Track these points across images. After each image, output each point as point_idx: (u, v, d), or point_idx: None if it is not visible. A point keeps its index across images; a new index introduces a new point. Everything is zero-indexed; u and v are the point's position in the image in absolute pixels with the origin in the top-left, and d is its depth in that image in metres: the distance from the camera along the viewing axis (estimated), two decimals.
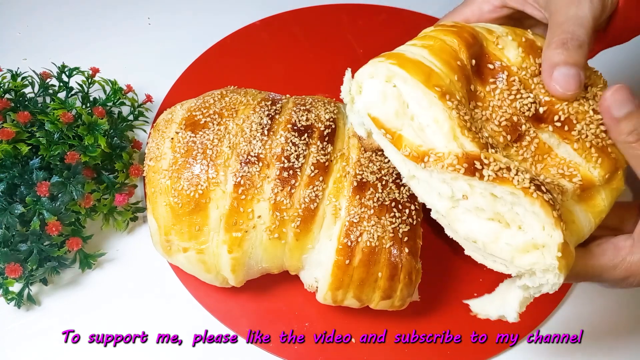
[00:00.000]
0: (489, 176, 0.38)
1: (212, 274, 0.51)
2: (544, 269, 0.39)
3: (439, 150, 0.40)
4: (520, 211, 0.39)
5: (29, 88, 0.61)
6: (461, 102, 0.41)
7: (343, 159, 0.50)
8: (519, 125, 0.42)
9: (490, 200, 0.39)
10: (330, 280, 0.48)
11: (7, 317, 0.55)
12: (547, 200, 0.38)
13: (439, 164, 0.40)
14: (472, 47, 0.43)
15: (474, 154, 0.39)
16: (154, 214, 0.50)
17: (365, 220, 0.48)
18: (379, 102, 0.43)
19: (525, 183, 0.38)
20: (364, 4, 0.81)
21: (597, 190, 0.43)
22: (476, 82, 0.43)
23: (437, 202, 0.42)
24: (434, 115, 0.40)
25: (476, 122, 0.41)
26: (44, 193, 0.52)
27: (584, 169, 0.42)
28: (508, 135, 0.42)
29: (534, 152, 0.42)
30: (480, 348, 0.55)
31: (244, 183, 0.48)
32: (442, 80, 0.41)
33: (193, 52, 0.73)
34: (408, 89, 0.41)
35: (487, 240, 0.40)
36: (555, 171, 0.42)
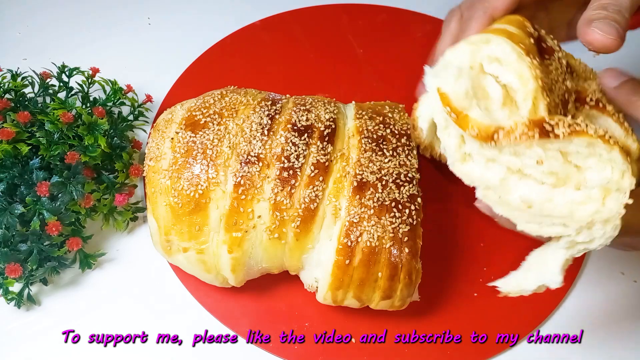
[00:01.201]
0: (564, 133, 0.39)
1: (212, 274, 0.51)
2: (606, 218, 0.39)
3: (505, 125, 0.41)
4: (591, 162, 0.39)
5: (29, 88, 0.61)
6: (538, 61, 0.42)
7: (343, 159, 0.50)
8: (568, 103, 0.43)
9: (562, 163, 0.40)
10: (330, 280, 0.48)
11: (7, 317, 0.55)
12: (621, 147, 0.39)
13: (511, 136, 0.40)
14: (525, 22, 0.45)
15: (539, 118, 0.40)
16: (154, 214, 0.50)
17: (365, 220, 0.48)
18: (453, 78, 0.43)
19: (600, 132, 0.39)
20: (364, 4, 0.81)
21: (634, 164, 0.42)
22: (537, 56, 0.43)
23: (491, 177, 0.43)
24: (520, 71, 0.41)
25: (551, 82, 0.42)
26: (44, 193, 0.52)
27: (623, 141, 0.43)
28: (562, 109, 0.42)
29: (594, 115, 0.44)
30: (480, 348, 0.55)
31: (244, 183, 0.48)
32: (523, 40, 0.42)
33: (193, 52, 0.73)
34: (493, 48, 0.42)
35: (544, 200, 0.41)
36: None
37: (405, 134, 0.52)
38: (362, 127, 0.52)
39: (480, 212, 0.52)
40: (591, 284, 0.60)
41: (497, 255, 0.60)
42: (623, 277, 0.60)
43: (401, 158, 0.51)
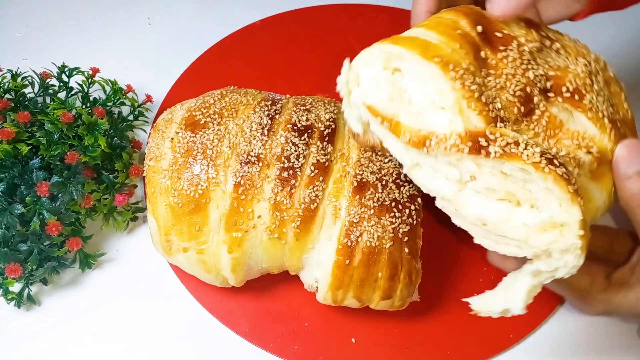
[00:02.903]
0: (495, 152, 0.36)
1: (212, 274, 0.51)
2: (563, 249, 0.36)
3: (439, 132, 0.38)
4: (534, 188, 0.37)
5: (29, 88, 0.61)
6: (468, 69, 0.38)
7: (343, 159, 0.50)
8: (532, 97, 0.39)
9: (501, 179, 0.37)
10: (330, 280, 0.48)
11: (7, 317, 0.55)
12: (561, 175, 0.35)
13: (441, 145, 0.37)
14: (471, 16, 0.41)
15: (478, 130, 0.37)
16: (154, 214, 0.50)
17: (365, 220, 0.48)
18: (373, 89, 0.41)
19: (535, 157, 0.35)
20: (364, 4, 0.81)
21: (610, 167, 0.40)
22: (486, 49, 0.40)
23: (442, 188, 0.40)
24: (438, 88, 0.38)
25: (489, 90, 0.39)
26: (44, 193, 0.52)
27: (599, 140, 0.39)
28: (522, 106, 0.39)
29: (545, 126, 0.39)
30: (480, 348, 0.55)
31: (244, 183, 0.48)
32: (441, 50, 0.39)
33: (193, 52, 0.73)
34: (407, 65, 0.39)
35: (499, 220, 0.38)
36: (571, 143, 0.39)
37: None
38: None
39: None
40: None
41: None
42: None
43: None
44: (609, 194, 0.40)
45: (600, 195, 0.40)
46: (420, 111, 0.39)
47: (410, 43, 0.39)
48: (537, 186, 0.36)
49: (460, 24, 0.41)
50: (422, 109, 0.39)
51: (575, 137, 0.39)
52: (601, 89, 0.41)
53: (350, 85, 0.43)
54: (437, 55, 0.38)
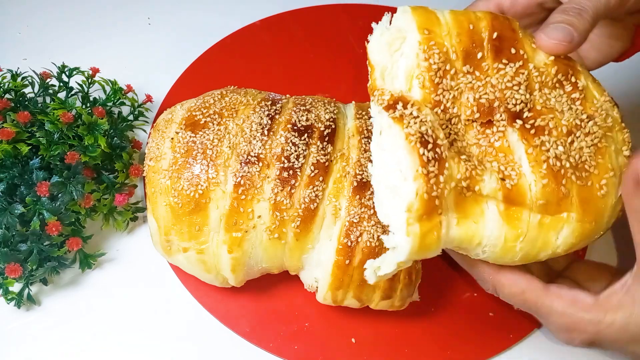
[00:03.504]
0: (393, 114, 0.39)
1: (212, 274, 0.51)
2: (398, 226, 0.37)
3: (387, 88, 0.41)
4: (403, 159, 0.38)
5: (29, 88, 0.61)
6: (446, 54, 0.41)
7: (343, 159, 0.50)
8: (494, 112, 0.40)
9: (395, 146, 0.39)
10: (330, 280, 0.48)
11: (7, 317, 0.55)
12: (421, 154, 0.37)
13: (376, 96, 0.41)
14: (497, 22, 0.42)
15: (403, 96, 0.40)
16: (154, 214, 0.50)
17: (365, 221, 0.48)
18: (378, 35, 0.44)
19: (411, 129, 0.38)
20: (364, 4, 0.81)
21: (526, 212, 0.39)
22: (489, 54, 0.41)
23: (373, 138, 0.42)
24: (407, 53, 0.41)
25: (455, 80, 0.41)
26: (44, 193, 0.52)
27: (523, 180, 0.39)
28: (477, 113, 0.40)
29: (491, 144, 0.40)
30: (480, 348, 0.55)
31: (244, 183, 0.48)
32: (437, 28, 0.41)
33: (193, 52, 0.73)
34: (409, 30, 0.42)
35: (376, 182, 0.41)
36: (496, 166, 0.39)
37: None
38: (362, 127, 0.52)
39: None
40: None
41: None
42: None
43: None
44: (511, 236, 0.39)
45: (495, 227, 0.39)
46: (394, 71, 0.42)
47: (422, 13, 0.42)
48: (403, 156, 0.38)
49: (480, 24, 0.42)
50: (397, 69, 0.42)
51: (506, 164, 0.39)
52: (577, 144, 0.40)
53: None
54: (429, 29, 0.41)
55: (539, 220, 0.39)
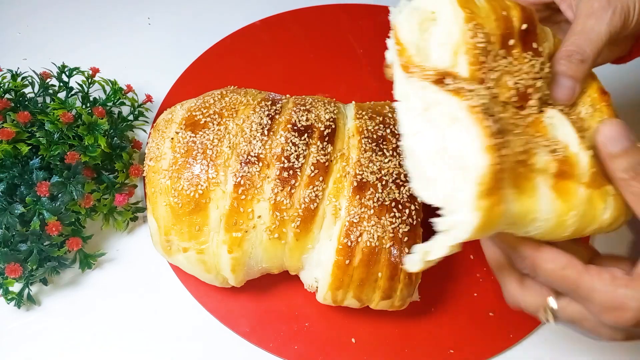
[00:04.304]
0: (448, 87, 0.38)
1: (212, 274, 0.51)
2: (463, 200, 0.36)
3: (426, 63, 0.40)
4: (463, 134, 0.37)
5: (29, 88, 0.61)
6: (488, 36, 0.41)
7: (343, 159, 0.50)
8: (528, 97, 0.41)
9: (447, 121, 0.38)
10: (330, 280, 0.48)
11: (7, 317, 0.55)
12: (487, 126, 0.35)
13: (418, 71, 0.40)
14: (526, 14, 0.43)
15: (454, 72, 0.40)
16: (154, 214, 0.50)
17: (365, 221, 0.48)
18: (406, 15, 0.43)
19: (474, 102, 0.36)
20: (364, 4, 0.81)
21: (577, 186, 0.39)
22: (518, 42, 0.43)
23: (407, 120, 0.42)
24: (451, 29, 0.41)
25: (496, 61, 0.41)
26: (44, 193, 0.52)
27: (571, 151, 0.39)
28: (516, 97, 0.41)
29: (527, 124, 0.41)
30: (480, 348, 0.55)
31: (244, 183, 0.48)
32: (477, 9, 0.41)
33: (193, 52, 0.73)
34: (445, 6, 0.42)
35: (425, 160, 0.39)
36: (541, 140, 0.40)
37: None
38: (362, 127, 0.52)
39: None
40: None
41: None
42: None
43: (401, 158, 0.51)
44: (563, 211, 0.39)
45: (548, 201, 0.39)
46: (428, 48, 0.42)
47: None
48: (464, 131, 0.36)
49: (512, 12, 0.43)
50: (430, 47, 0.42)
51: (551, 142, 0.40)
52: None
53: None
54: (471, 9, 0.41)
55: (588, 193, 0.39)
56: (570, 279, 0.40)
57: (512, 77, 0.41)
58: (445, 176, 0.38)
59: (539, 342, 0.57)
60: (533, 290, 0.43)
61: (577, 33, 0.45)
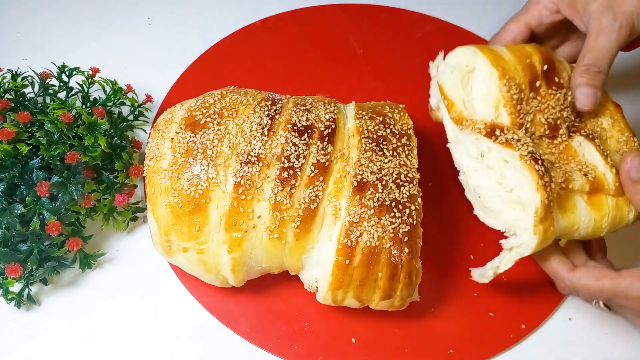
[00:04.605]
0: (500, 140, 0.49)
1: (212, 274, 0.51)
2: (523, 227, 0.47)
3: (475, 117, 0.51)
4: (517, 175, 0.48)
5: (29, 88, 0.61)
6: (519, 85, 0.52)
7: (343, 159, 0.50)
8: (558, 127, 0.52)
9: (501, 163, 0.49)
10: (330, 280, 0.48)
11: (7, 317, 0.55)
12: (537, 170, 0.47)
13: (470, 125, 0.51)
14: (544, 55, 0.54)
15: (499, 124, 0.50)
16: (154, 214, 0.50)
17: (365, 220, 0.48)
18: (448, 74, 0.53)
19: (523, 152, 0.48)
20: (364, 4, 0.81)
21: (606, 197, 0.50)
22: (543, 82, 0.53)
23: (465, 161, 0.52)
24: (489, 86, 0.51)
25: (529, 106, 0.52)
26: (44, 193, 0.52)
27: (599, 172, 0.50)
28: (548, 130, 0.52)
29: (561, 151, 0.52)
30: (480, 348, 0.55)
31: (244, 183, 0.48)
32: (507, 64, 0.52)
33: (193, 52, 0.73)
34: (479, 65, 0.53)
35: (487, 195, 0.50)
36: (575, 166, 0.51)
37: (406, 134, 0.53)
38: (362, 127, 0.52)
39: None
40: None
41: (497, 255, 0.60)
42: None
43: (401, 158, 0.51)
44: (599, 218, 0.50)
45: (586, 212, 0.50)
46: (472, 101, 0.52)
47: (489, 52, 0.53)
48: (518, 173, 0.48)
49: (533, 58, 0.53)
50: (474, 100, 0.52)
51: (581, 164, 0.51)
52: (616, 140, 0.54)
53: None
54: (502, 66, 0.52)
55: (615, 201, 0.50)
56: (607, 287, 0.48)
57: (543, 114, 0.52)
58: (505, 208, 0.49)
59: (539, 342, 0.57)
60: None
61: (591, 49, 0.52)
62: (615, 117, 0.55)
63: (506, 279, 0.59)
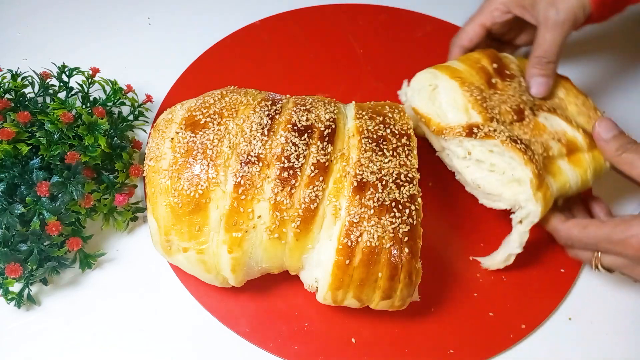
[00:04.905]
0: (480, 135, 0.55)
1: (212, 274, 0.51)
2: (525, 198, 0.54)
3: (452, 124, 0.58)
4: (505, 159, 0.55)
5: (29, 88, 0.61)
6: (478, 87, 0.58)
7: (343, 159, 0.50)
8: (523, 110, 0.58)
9: (487, 154, 0.56)
10: (330, 280, 0.48)
11: (7, 317, 0.55)
12: (519, 148, 0.54)
13: (450, 132, 0.57)
14: (491, 57, 0.61)
15: (474, 123, 0.56)
16: (154, 214, 0.50)
17: (365, 221, 0.48)
18: (417, 96, 0.61)
19: (503, 137, 0.54)
20: (364, 4, 0.81)
21: (582, 153, 0.57)
22: (497, 78, 0.60)
23: (456, 163, 0.59)
24: (454, 96, 0.58)
25: (493, 101, 0.58)
26: (44, 193, 0.52)
27: (569, 135, 0.58)
28: (515, 115, 0.58)
29: (532, 128, 0.57)
30: (480, 348, 0.55)
31: (244, 183, 0.48)
32: (463, 74, 0.59)
33: (193, 52, 0.73)
34: (441, 82, 0.59)
35: (486, 183, 0.57)
36: (548, 136, 0.57)
37: (406, 134, 0.52)
38: (362, 127, 0.52)
39: (480, 213, 0.62)
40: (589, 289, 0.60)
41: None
42: None
43: (401, 158, 0.51)
44: (582, 172, 0.57)
45: (571, 170, 0.57)
46: (444, 113, 0.59)
47: (445, 69, 0.60)
48: (505, 156, 0.55)
49: (482, 61, 0.61)
50: (445, 111, 0.59)
51: (552, 134, 0.57)
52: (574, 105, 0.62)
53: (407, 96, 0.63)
54: (459, 76, 0.59)
55: (591, 155, 0.57)
56: (592, 234, 0.52)
57: (506, 104, 0.58)
58: (504, 188, 0.56)
59: (539, 342, 0.57)
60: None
61: (541, 43, 0.60)
62: (567, 87, 0.63)
63: (506, 279, 0.59)
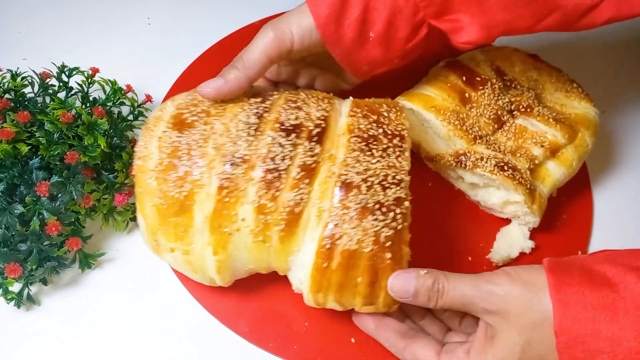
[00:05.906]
0: (468, 166, 0.58)
1: (198, 274, 0.50)
2: (524, 212, 0.59)
3: (440, 151, 0.61)
4: (495, 183, 0.58)
5: (29, 88, 0.61)
6: (454, 110, 0.60)
7: (332, 159, 0.48)
8: (502, 117, 0.61)
9: (479, 178, 0.59)
10: (310, 282, 0.47)
11: (7, 317, 0.55)
12: (507, 175, 0.56)
13: (441, 161, 0.61)
14: (457, 69, 0.62)
15: (460, 151, 0.59)
16: (142, 213, 0.50)
17: (347, 223, 0.45)
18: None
19: (490, 167, 0.57)
20: None
21: (565, 148, 0.60)
22: (470, 90, 0.61)
23: (453, 181, 0.64)
24: (436, 126, 0.60)
25: (471, 119, 0.60)
26: (43, 193, 0.52)
27: (550, 135, 0.60)
28: (495, 124, 0.61)
29: (514, 132, 0.61)
30: None
31: (228, 185, 0.47)
32: (435, 101, 0.60)
33: (193, 52, 0.73)
34: (420, 113, 0.60)
35: (484, 199, 0.62)
36: (531, 141, 0.60)
37: (399, 135, 0.50)
38: (354, 126, 0.49)
39: (479, 215, 0.64)
40: None
41: None
42: None
43: (391, 159, 0.48)
44: (568, 167, 0.60)
45: (557, 168, 0.60)
46: (432, 138, 0.61)
47: (418, 99, 0.61)
48: (496, 182, 0.58)
49: (450, 78, 0.62)
50: (433, 137, 0.61)
51: (534, 136, 0.60)
52: (547, 101, 0.64)
53: None
54: (433, 105, 0.60)
55: (572, 147, 0.60)
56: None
57: (484, 116, 0.60)
58: (506, 205, 0.60)
59: None
60: None
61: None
62: (539, 66, 0.65)
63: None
